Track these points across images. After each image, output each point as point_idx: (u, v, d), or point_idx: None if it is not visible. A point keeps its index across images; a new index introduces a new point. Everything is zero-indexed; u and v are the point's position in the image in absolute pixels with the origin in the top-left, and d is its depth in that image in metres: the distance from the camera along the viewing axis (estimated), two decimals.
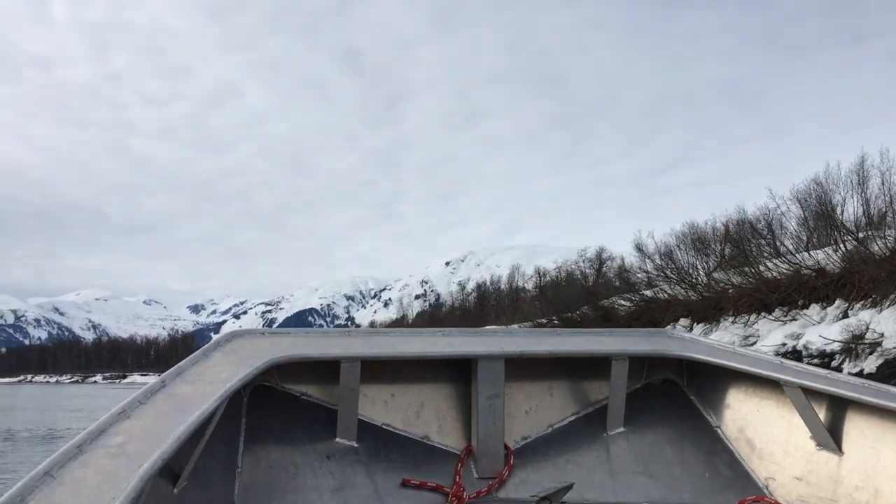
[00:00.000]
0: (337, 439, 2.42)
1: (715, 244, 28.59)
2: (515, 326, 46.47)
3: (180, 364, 2.13)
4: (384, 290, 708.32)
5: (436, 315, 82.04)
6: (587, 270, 49.26)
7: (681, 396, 2.85)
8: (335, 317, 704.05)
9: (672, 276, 29.24)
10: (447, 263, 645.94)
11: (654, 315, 29.16)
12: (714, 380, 2.77)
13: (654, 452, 2.64)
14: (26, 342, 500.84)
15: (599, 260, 49.51)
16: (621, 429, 2.69)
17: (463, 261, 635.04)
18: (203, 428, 1.81)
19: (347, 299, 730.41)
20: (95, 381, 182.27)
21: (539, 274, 66.74)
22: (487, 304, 72.17)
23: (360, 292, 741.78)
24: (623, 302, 33.43)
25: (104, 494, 1.32)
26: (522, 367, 2.66)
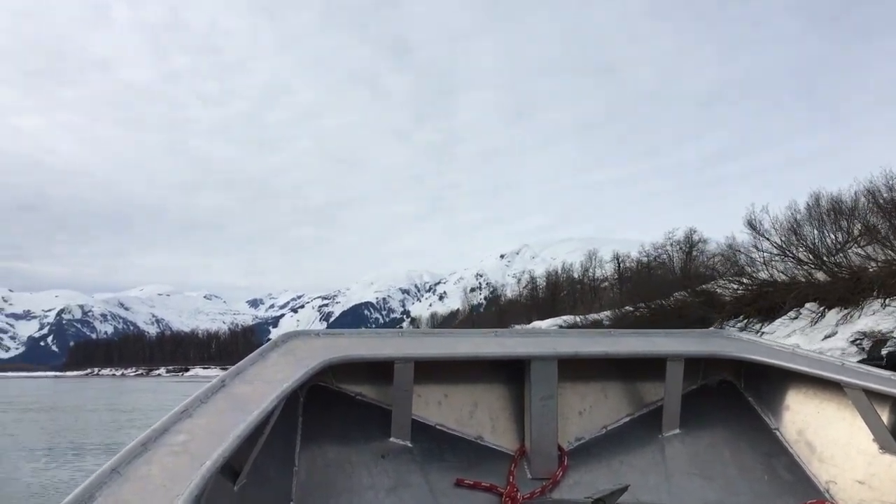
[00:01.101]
0: (391, 439, 2.43)
1: (855, 217, 24.57)
2: (598, 315, 43.11)
3: (239, 364, 2.16)
4: (439, 283, 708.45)
5: (505, 307, 78.59)
6: (675, 254, 45.34)
7: (738, 398, 2.82)
8: (391, 310, 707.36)
9: (800, 255, 25.37)
10: (502, 256, 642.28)
11: (772, 299, 25.57)
12: (772, 381, 2.73)
13: (710, 454, 2.60)
14: (93, 336, 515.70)
15: (689, 242, 45.49)
16: (677, 430, 2.65)
17: (518, 253, 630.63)
18: (262, 427, 1.85)
19: (402, 293, 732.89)
20: (159, 374, 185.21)
21: (618, 260, 62.76)
22: (559, 295, 68.87)
23: (416, 286, 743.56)
24: (731, 286, 29.70)
25: (168, 491, 1.36)
26: (576, 368, 2.63)
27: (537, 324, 51.40)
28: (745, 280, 28.84)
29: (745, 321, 26.27)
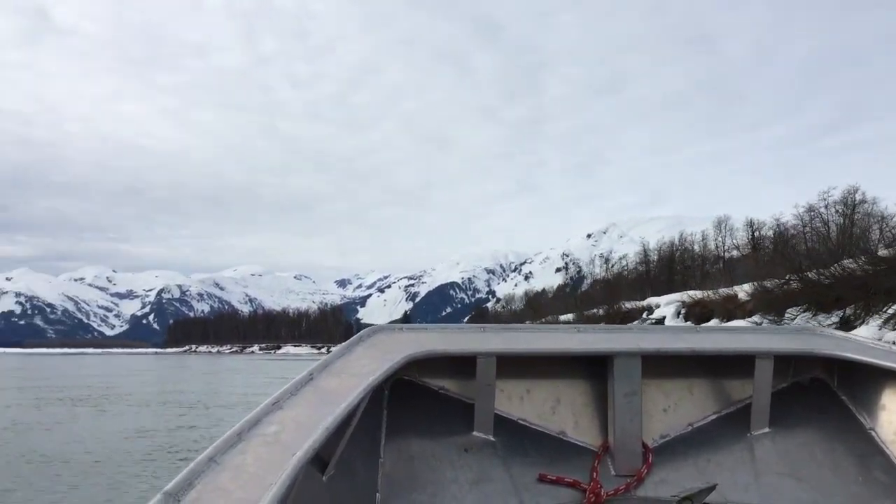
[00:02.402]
0: (474, 433, 2.44)
1: None
2: (731, 290, 37.80)
3: (326, 358, 2.21)
4: (524, 263, 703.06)
5: (614, 282, 73.15)
6: (831, 218, 39.25)
7: (831, 397, 2.72)
8: (476, 290, 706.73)
9: None
10: (588, 236, 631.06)
11: None
12: (868, 380, 2.63)
13: (802, 454, 2.52)
14: (191, 314, 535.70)
15: (846, 204, 39.25)
16: (766, 429, 2.57)
17: (605, 233, 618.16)
18: (348, 419, 1.91)
19: (488, 273, 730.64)
20: (252, 352, 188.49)
21: (752, 227, 56.38)
22: (675, 269, 63.24)
23: (501, 266, 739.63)
24: None
25: (262, 480, 1.42)
26: (660, 365, 2.60)
27: (652, 300, 46.71)
28: None
29: None
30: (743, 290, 36.88)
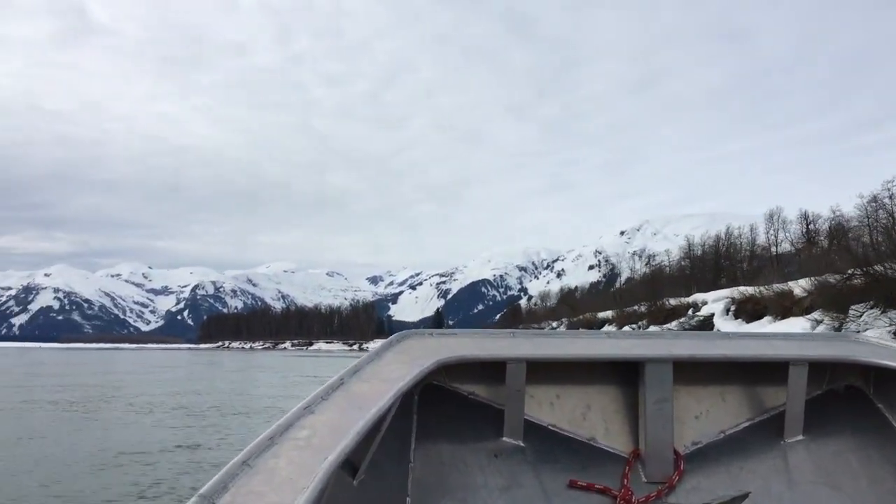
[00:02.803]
0: (504, 438, 2.44)
1: None
2: (786, 286, 35.43)
3: (356, 363, 2.23)
4: (556, 260, 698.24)
5: (656, 276, 70.61)
6: None
7: (867, 405, 2.67)
8: (508, 287, 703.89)
9: None
10: (622, 233, 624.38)
11: None
12: None
13: (837, 463, 2.48)
14: (224, 311, 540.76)
15: None
16: (800, 437, 2.53)
17: (638, 230, 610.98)
18: (379, 424, 1.92)
19: (520, 270, 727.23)
20: (285, 348, 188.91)
21: (807, 220, 53.40)
22: (721, 265, 60.69)
23: (533, 263, 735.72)
24: None
25: (294, 484, 1.45)
26: (692, 371, 2.57)
27: (698, 296, 44.51)
28: None
29: None
30: (799, 286, 34.49)
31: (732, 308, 38.11)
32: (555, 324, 76.43)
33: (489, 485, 2.30)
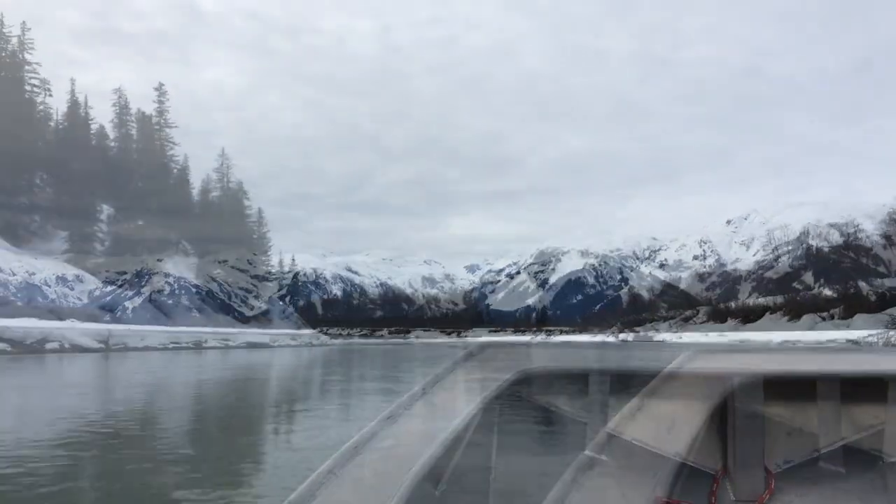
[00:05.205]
0: (586, 452, 2.35)
1: None
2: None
3: (438, 373, 2.22)
4: (659, 250, 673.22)
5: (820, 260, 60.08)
6: None
7: None
8: (609, 277, 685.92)
9: None
10: (728, 222, 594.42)
11: None
12: None
13: None
14: (324, 297, 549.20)
15: None
16: None
17: (746, 219, 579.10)
18: (461, 435, 1.93)
19: (620, 259, 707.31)
20: (382, 335, 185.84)
21: None
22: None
23: (634, 253, 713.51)
24: None
25: (379, 493, 1.47)
26: (784, 387, 2.46)
27: None
28: None
29: None
30: None
31: None
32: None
33: (571, 499, 2.23)
